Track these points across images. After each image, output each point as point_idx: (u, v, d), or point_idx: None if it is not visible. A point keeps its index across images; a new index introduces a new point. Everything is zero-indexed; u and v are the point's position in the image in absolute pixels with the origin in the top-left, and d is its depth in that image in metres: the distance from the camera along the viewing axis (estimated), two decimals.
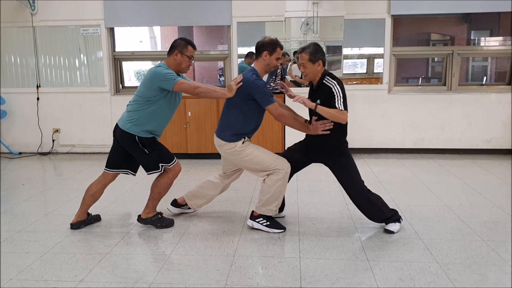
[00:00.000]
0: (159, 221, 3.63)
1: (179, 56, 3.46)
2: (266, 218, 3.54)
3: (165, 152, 3.58)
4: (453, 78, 6.52)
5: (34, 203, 4.40)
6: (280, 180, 3.47)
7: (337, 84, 3.32)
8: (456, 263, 2.92)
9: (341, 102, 3.27)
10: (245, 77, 3.44)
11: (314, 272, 2.81)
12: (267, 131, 6.20)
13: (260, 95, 3.38)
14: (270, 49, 3.46)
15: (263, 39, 3.51)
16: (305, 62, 3.36)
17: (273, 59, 3.49)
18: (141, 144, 3.46)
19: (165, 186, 3.62)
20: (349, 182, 3.47)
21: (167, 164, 3.56)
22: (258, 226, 3.54)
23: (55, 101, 6.90)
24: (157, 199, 3.63)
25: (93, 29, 6.71)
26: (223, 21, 6.56)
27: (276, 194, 3.49)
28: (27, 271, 2.88)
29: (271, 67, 3.53)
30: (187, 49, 3.48)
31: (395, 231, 3.44)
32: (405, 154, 6.47)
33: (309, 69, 3.38)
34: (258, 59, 3.51)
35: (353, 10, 6.21)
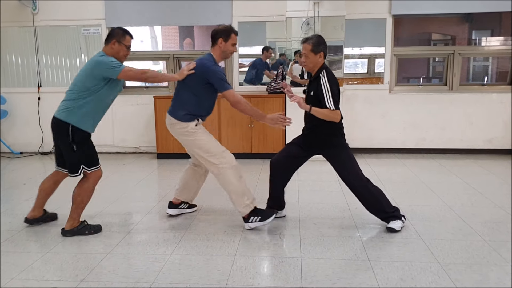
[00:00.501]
0: (86, 228, 3.51)
1: (117, 45, 3.41)
2: (255, 214, 3.55)
3: (92, 154, 3.49)
4: (454, 78, 6.51)
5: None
6: (228, 176, 3.48)
7: (328, 81, 3.35)
8: (458, 263, 2.91)
9: (331, 101, 3.30)
10: (203, 62, 3.47)
11: (315, 272, 2.81)
12: (267, 131, 6.20)
13: (218, 80, 3.43)
14: (224, 36, 3.50)
15: (218, 27, 3.56)
16: (308, 52, 3.39)
17: (228, 46, 3.53)
18: (72, 137, 3.35)
19: (87, 192, 3.49)
20: (346, 172, 3.49)
21: (88, 168, 3.44)
22: (254, 225, 3.55)
23: (56, 101, 6.74)
24: (81, 208, 3.50)
25: (94, 28, 6.72)
26: (224, 21, 6.49)
27: (236, 189, 3.50)
28: (28, 270, 2.88)
29: (228, 54, 3.58)
30: (125, 38, 3.44)
31: (397, 228, 3.44)
32: (406, 154, 6.47)
33: (310, 59, 3.41)
34: (214, 46, 3.55)
35: (354, 10, 6.21)
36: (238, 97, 3.48)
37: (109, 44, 3.43)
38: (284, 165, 3.67)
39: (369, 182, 3.49)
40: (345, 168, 3.49)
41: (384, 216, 3.51)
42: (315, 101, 3.39)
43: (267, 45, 6.77)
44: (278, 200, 3.79)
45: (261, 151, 6.28)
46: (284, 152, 3.71)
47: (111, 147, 6.98)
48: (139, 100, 6.79)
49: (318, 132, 3.48)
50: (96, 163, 3.50)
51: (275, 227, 3.62)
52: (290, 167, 3.69)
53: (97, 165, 3.50)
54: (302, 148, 3.61)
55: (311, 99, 3.45)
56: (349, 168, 3.48)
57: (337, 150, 3.50)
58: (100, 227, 3.59)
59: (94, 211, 4.06)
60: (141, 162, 6.27)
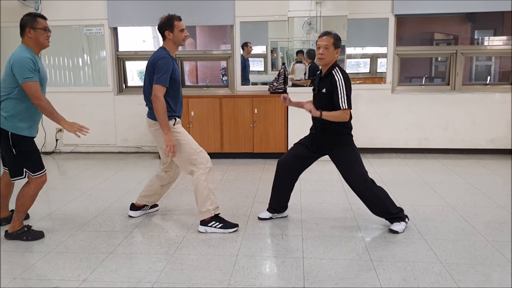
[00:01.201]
0: (25, 234, 3.38)
1: (33, 32, 3.26)
2: (217, 220, 3.54)
3: (36, 159, 3.36)
4: (456, 77, 6.50)
5: (38, 203, 4.36)
6: (202, 175, 3.47)
7: (343, 79, 3.31)
8: (460, 263, 2.91)
9: (344, 100, 3.27)
10: (154, 56, 3.47)
11: (317, 272, 2.81)
12: (270, 131, 6.19)
13: (158, 71, 3.38)
14: (168, 27, 3.50)
15: (159, 21, 3.54)
16: (330, 44, 3.34)
17: (177, 34, 3.51)
18: (11, 141, 3.23)
19: (28, 197, 3.39)
20: (351, 173, 3.47)
21: (32, 172, 3.33)
22: (212, 230, 3.51)
23: (58, 101, 6.81)
24: (21, 211, 3.40)
25: (97, 28, 6.73)
26: (226, 21, 6.56)
27: (203, 192, 3.48)
28: (31, 270, 2.88)
29: (181, 41, 3.55)
30: (37, 22, 3.28)
31: (399, 231, 3.43)
32: (408, 154, 6.46)
33: (330, 52, 3.35)
34: (165, 40, 3.55)
35: (356, 10, 6.20)
36: (160, 95, 3.35)
37: (25, 35, 3.29)
38: (292, 166, 3.65)
39: (373, 184, 3.47)
40: (352, 169, 3.46)
41: (389, 217, 3.50)
42: (328, 99, 3.35)
43: (269, 44, 6.78)
44: (281, 200, 3.78)
45: (263, 151, 6.27)
46: (292, 153, 3.66)
47: (113, 147, 6.99)
48: (141, 100, 6.72)
49: (328, 131, 3.44)
50: (41, 168, 3.38)
51: (277, 227, 3.61)
52: (297, 168, 3.66)
53: (41, 171, 3.38)
54: (310, 149, 3.58)
55: (323, 96, 3.40)
56: (355, 169, 3.45)
57: (345, 149, 3.47)
58: (42, 234, 3.45)
59: (96, 211, 4.06)
60: (143, 162, 6.28)
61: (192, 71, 8.55)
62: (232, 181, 5.13)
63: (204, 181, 3.47)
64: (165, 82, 3.38)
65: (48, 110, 3.22)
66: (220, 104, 6.26)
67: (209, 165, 3.53)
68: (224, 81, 7.24)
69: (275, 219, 3.80)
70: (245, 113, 6.20)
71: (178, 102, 3.60)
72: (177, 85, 3.54)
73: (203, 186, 3.47)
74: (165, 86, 3.39)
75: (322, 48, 3.36)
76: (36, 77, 3.17)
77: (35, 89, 3.16)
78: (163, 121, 3.40)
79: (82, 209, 4.14)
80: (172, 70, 3.44)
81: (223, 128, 6.29)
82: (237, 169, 5.73)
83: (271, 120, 6.19)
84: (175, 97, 3.55)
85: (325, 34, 3.40)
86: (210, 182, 3.51)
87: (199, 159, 3.49)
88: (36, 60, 3.24)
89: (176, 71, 3.50)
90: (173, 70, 3.45)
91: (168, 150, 3.40)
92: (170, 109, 3.50)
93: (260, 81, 6.96)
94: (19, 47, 3.29)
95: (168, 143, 3.40)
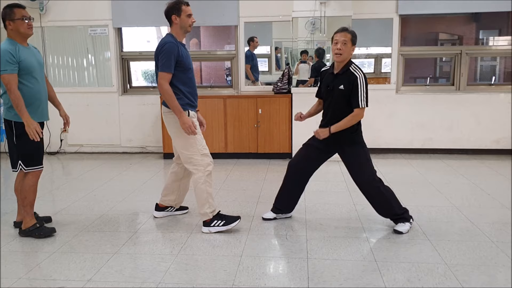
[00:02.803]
0: (37, 230, 3.43)
1: (12, 24, 3.28)
2: (218, 218, 3.54)
3: (32, 151, 3.38)
4: (461, 78, 6.48)
5: (43, 203, 4.42)
6: (201, 178, 3.46)
7: (363, 78, 3.31)
8: (465, 264, 2.90)
9: (364, 98, 3.28)
10: (159, 43, 3.44)
11: (321, 273, 2.81)
12: (274, 131, 6.19)
13: (162, 58, 3.35)
14: (176, 11, 3.45)
15: (166, 7, 3.49)
16: (348, 40, 3.31)
17: (184, 19, 3.46)
18: (14, 129, 3.32)
19: (29, 188, 3.41)
20: (360, 172, 3.45)
21: (25, 166, 3.37)
22: (216, 229, 3.52)
23: (63, 101, 6.75)
24: (27, 205, 3.43)
25: (101, 29, 6.75)
26: (231, 21, 6.56)
27: (202, 195, 3.48)
28: (36, 270, 2.90)
29: (187, 26, 3.49)
30: (14, 13, 3.28)
31: (404, 231, 3.42)
32: (413, 154, 6.44)
33: (348, 48, 3.32)
34: (172, 25, 3.50)
35: (361, 10, 6.19)
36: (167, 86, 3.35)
37: (7, 28, 3.31)
38: (303, 167, 3.64)
39: (381, 183, 3.46)
40: (361, 169, 3.44)
41: (394, 218, 3.50)
42: (345, 95, 3.33)
43: (274, 44, 6.78)
44: (289, 201, 3.77)
45: (267, 151, 6.27)
46: (303, 154, 3.63)
47: (117, 147, 7.01)
48: (145, 100, 6.81)
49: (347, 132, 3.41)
50: (35, 164, 3.42)
51: (282, 228, 3.61)
52: (308, 169, 3.65)
53: (36, 166, 3.42)
54: (321, 149, 3.55)
55: (339, 93, 3.35)
56: (365, 169, 3.44)
57: (357, 148, 3.45)
58: (54, 230, 3.50)
59: (100, 211, 4.08)
60: (147, 162, 6.29)
61: (196, 71, 8.57)
62: (236, 181, 5.13)
63: (202, 184, 3.46)
64: (168, 68, 3.35)
65: (15, 103, 3.22)
66: (224, 104, 6.27)
67: (210, 168, 3.51)
68: (228, 81, 7.25)
69: (279, 219, 3.80)
70: (249, 113, 6.20)
71: (191, 90, 3.53)
72: (187, 71, 3.48)
73: (201, 190, 3.47)
74: (169, 72, 3.36)
75: (340, 43, 3.31)
76: (11, 69, 3.20)
77: (7, 80, 3.19)
78: (172, 105, 3.36)
79: (86, 209, 4.15)
80: (179, 54, 3.38)
81: (227, 128, 6.30)
82: (241, 170, 5.74)
83: (276, 120, 6.19)
84: (187, 84, 3.48)
85: (343, 29, 3.36)
86: (209, 186, 3.50)
87: (200, 161, 3.47)
88: (18, 51, 3.25)
89: (184, 56, 3.44)
90: (180, 54, 3.39)
91: (186, 131, 3.36)
92: (183, 96, 3.45)
93: (265, 81, 6.97)
94: (5, 40, 3.33)
95: (183, 125, 3.35)
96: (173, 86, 3.41)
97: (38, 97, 3.41)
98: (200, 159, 3.47)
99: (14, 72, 3.21)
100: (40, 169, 3.48)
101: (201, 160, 3.47)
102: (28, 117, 3.26)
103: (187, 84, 3.49)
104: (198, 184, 3.47)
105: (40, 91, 3.44)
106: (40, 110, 3.45)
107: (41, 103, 3.45)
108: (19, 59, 3.24)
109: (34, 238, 3.42)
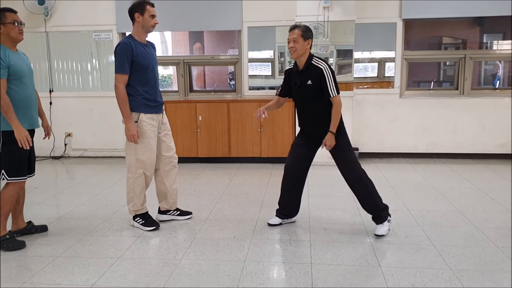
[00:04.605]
0: (5, 242, 3.29)
1: (3, 28, 3.22)
2: (142, 217, 3.73)
3: (16, 160, 3.25)
4: (465, 82, 6.46)
5: (47, 207, 4.44)
6: (131, 178, 3.65)
7: (328, 68, 3.38)
8: (470, 269, 2.88)
9: (334, 87, 3.36)
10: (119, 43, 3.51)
11: (325, 278, 2.79)
12: (277, 135, 6.19)
13: (115, 59, 3.46)
14: (139, 9, 3.51)
15: (131, 5, 3.55)
16: (297, 37, 3.39)
17: (147, 18, 3.53)
18: (2, 138, 3.18)
19: (7, 199, 3.27)
20: (343, 158, 3.51)
21: (8, 176, 3.24)
22: (136, 225, 3.73)
23: (67, 106, 6.96)
24: (1, 215, 3.28)
25: (105, 34, 6.78)
26: (234, 26, 6.58)
27: (128, 194, 3.68)
28: (40, 274, 2.90)
29: (149, 27, 3.56)
30: (5, 17, 3.23)
31: (384, 233, 3.45)
32: (417, 159, 6.42)
33: (300, 44, 3.39)
34: (134, 23, 3.57)
35: (364, 14, 6.20)
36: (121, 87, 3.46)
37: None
38: (299, 168, 3.66)
39: (364, 172, 3.52)
40: (346, 156, 3.50)
41: (376, 212, 3.51)
42: (315, 88, 3.40)
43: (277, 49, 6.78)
44: (292, 203, 3.76)
45: (271, 156, 6.27)
46: (294, 154, 3.67)
47: (121, 151, 7.00)
48: None
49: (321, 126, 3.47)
50: (19, 174, 3.28)
51: (285, 233, 3.61)
52: (303, 168, 3.67)
53: (20, 177, 3.29)
54: (309, 146, 3.61)
55: (308, 88, 3.42)
56: (348, 155, 3.51)
57: (341, 138, 3.49)
58: (23, 244, 3.35)
59: (104, 216, 4.08)
60: None
61: (199, 76, 8.59)
62: (240, 186, 5.13)
63: (131, 184, 3.65)
64: (121, 69, 3.44)
65: (4, 109, 3.12)
66: (227, 109, 6.27)
67: (140, 171, 3.62)
68: (231, 85, 7.26)
69: (283, 224, 3.79)
70: (252, 118, 6.20)
71: (150, 90, 3.59)
72: (145, 71, 3.53)
73: (129, 188, 3.69)
74: (123, 73, 3.44)
75: (291, 42, 3.42)
76: (1, 74, 3.12)
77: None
78: (121, 110, 3.48)
79: (90, 214, 4.16)
80: (133, 54, 3.45)
81: (231, 132, 6.30)
82: (245, 174, 5.74)
83: (279, 124, 6.20)
84: (145, 84, 3.56)
85: (293, 27, 3.45)
86: (138, 186, 3.65)
87: (133, 164, 3.61)
88: (8, 56, 3.19)
89: (141, 55, 3.50)
90: (135, 54, 3.46)
91: (128, 139, 3.51)
92: (139, 97, 3.53)
93: (268, 86, 6.97)
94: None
95: (127, 131, 3.49)
96: (130, 86, 3.51)
97: (27, 103, 3.32)
98: (133, 162, 3.62)
99: (3, 77, 3.13)
100: (23, 180, 3.35)
101: (134, 164, 3.62)
102: (18, 124, 3.16)
103: (145, 84, 3.57)
104: (128, 183, 3.68)
105: (30, 97, 3.36)
106: (29, 116, 3.34)
107: (31, 110, 3.36)
108: (8, 64, 3.17)
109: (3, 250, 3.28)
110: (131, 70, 3.47)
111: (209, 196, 4.69)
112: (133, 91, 3.51)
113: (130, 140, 3.51)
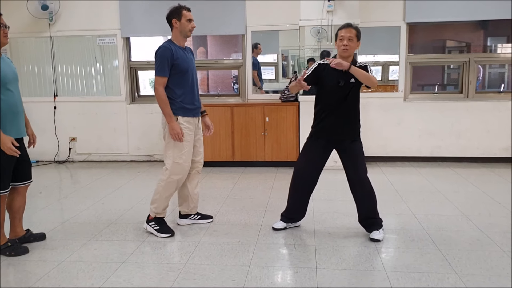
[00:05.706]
0: (8, 249, 3.25)
1: None
2: (157, 222, 3.68)
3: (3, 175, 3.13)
4: (469, 85, 6.44)
5: (51, 211, 4.44)
6: (163, 181, 3.62)
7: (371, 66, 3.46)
8: (476, 274, 2.86)
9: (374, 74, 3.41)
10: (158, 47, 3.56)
11: (330, 282, 2.78)
12: (281, 139, 6.19)
13: (155, 62, 3.50)
14: (176, 15, 3.55)
15: (168, 11, 3.59)
16: (353, 36, 3.38)
17: (184, 23, 3.56)
18: None
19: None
20: (360, 165, 3.49)
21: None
22: (150, 230, 3.68)
23: (71, 110, 6.98)
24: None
25: (109, 38, 6.80)
26: (238, 30, 6.59)
27: (155, 195, 3.67)
28: (45, 279, 2.90)
29: (187, 31, 3.59)
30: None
31: (380, 239, 3.44)
32: (421, 162, 6.40)
33: (353, 43, 3.39)
34: (172, 29, 3.61)
35: (368, 18, 6.20)
36: (161, 89, 3.50)
37: None
38: (310, 172, 3.62)
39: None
40: (362, 162, 3.50)
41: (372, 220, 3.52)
42: (357, 87, 3.43)
43: (280, 52, 6.80)
44: (300, 208, 3.74)
45: (275, 160, 6.27)
46: (307, 158, 3.62)
47: (125, 155, 7.03)
48: (153, 109, 6.83)
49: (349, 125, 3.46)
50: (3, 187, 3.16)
51: (290, 237, 3.60)
52: (315, 173, 3.64)
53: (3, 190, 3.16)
54: (325, 147, 3.55)
55: (351, 86, 3.41)
56: (363, 162, 3.52)
57: (358, 143, 3.51)
58: (26, 250, 3.31)
59: (108, 220, 4.08)
60: (155, 171, 6.29)
61: (203, 80, 8.60)
62: (244, 190, 5.12)
63: (161, 187, 3.63)
64: (161, 72, 3.48)
65: None
66: (231, 113, 6.28)
67: (175, 178, 3.60)
68: (235, 89, 7.26)
69: (288, 228, 3.78)
70: (256, 122, 6.21)
71: (189, 93, 3.62)
72: (184, 74, 3.57)
73: (157, 190, 3.66)
74: (163, 75, 3.49)
75: (346, 39, 3.37)
76: None
77: None
78: (163, 111, 3.53)
79: (95, 218, 4.16)
80: (173, 57, 3.49)
81: (235, 136, 6.30)
82: (249, 178, 5.73)
83: (283, 128, 6.19)
84: (183, 87, 3.59)
85: (348, 25, 3.42)
86: (167, 191, 3.63)
87: (171, 167, 3.59)
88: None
89: (180, 59, 3.54)
90: (175, 58, 3.50)
91: (173, 138, 3.51)
92: (178, 100, 3.55)
93: (272, 89, 6.97)
94: None
95: (172, 131, 3.50)
96: (169, 89, 3.55)
97: (14, 110, 3.16)
98: (171, 163, 3.59)
99: None
100: (4, 193, 3.19)
101: (172, 167, 3.59)
102: (3, 136, 3.03)
103: (184, 87, 3.60)
104: (159, 184, 3.66)
105: (17, 104, 3.20)
106: (17, 124, 3.22)
107: (18, 117, 3.22)
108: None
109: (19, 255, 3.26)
110: (170, 73, 3.52)
111: (213, 200, 4.69)
112: (171, 94, 3.55)
113: (175, 138, 3.50)
